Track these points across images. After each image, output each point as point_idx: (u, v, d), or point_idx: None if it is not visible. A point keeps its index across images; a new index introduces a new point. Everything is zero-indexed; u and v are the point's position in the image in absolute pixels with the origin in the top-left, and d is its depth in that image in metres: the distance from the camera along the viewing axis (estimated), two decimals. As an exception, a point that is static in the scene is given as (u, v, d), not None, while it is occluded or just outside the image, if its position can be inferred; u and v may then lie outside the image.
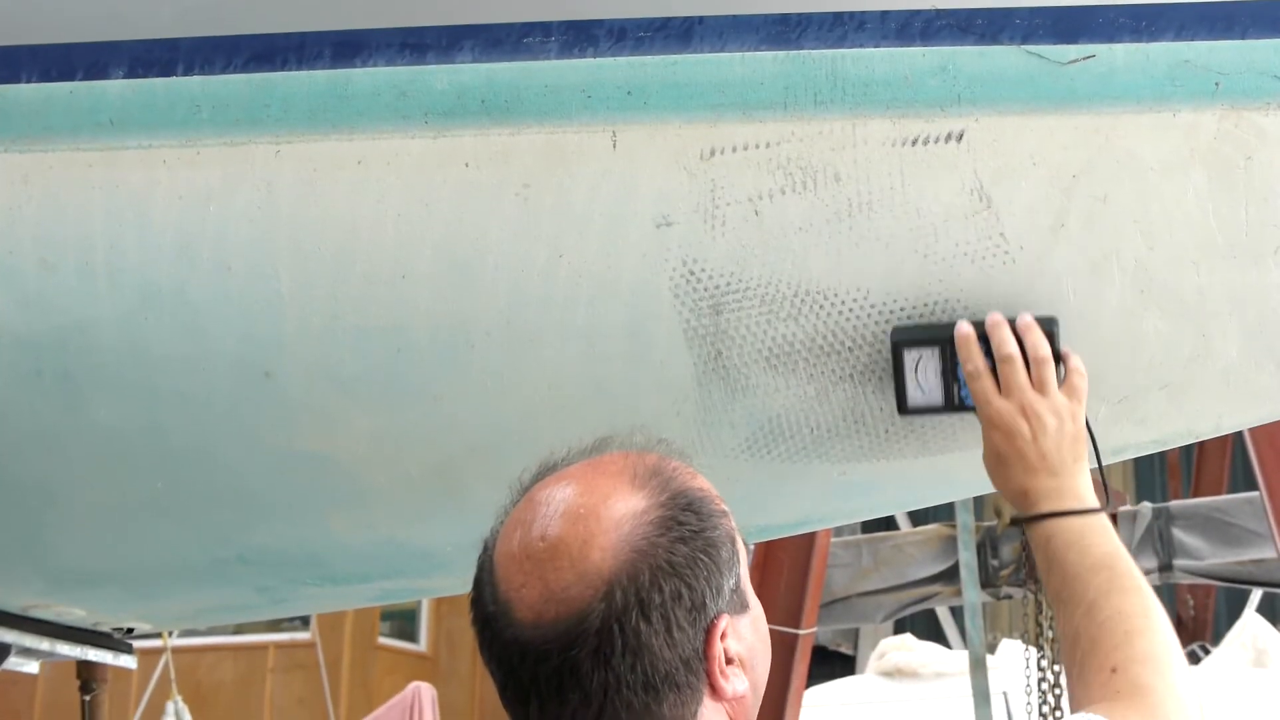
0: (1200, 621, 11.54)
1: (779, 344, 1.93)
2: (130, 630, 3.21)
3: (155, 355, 2.05)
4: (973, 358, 1.88)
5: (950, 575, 9.00)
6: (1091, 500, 1.86)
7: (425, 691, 11.71)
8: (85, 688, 3.55)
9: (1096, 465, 1.92)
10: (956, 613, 14.02)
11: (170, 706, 9.61)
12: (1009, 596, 8.60)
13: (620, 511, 1.43)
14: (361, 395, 2.07)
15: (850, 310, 1.90)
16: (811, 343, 1.93)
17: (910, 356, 1.93)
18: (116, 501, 2.37)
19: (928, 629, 14.98)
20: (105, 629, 3.15)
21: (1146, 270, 1.90)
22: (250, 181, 1.92)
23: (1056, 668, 6.97)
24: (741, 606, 1.48)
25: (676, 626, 1.42)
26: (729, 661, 1.45)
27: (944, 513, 9.12)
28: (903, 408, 1.96)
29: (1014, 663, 8.32)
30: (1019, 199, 1.86)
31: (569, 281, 1.91)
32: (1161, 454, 14.36)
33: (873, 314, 1.90)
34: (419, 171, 1.88)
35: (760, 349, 1.93)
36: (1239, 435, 9.50)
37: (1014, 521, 2.05)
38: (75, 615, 3.00)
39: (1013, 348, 1.87)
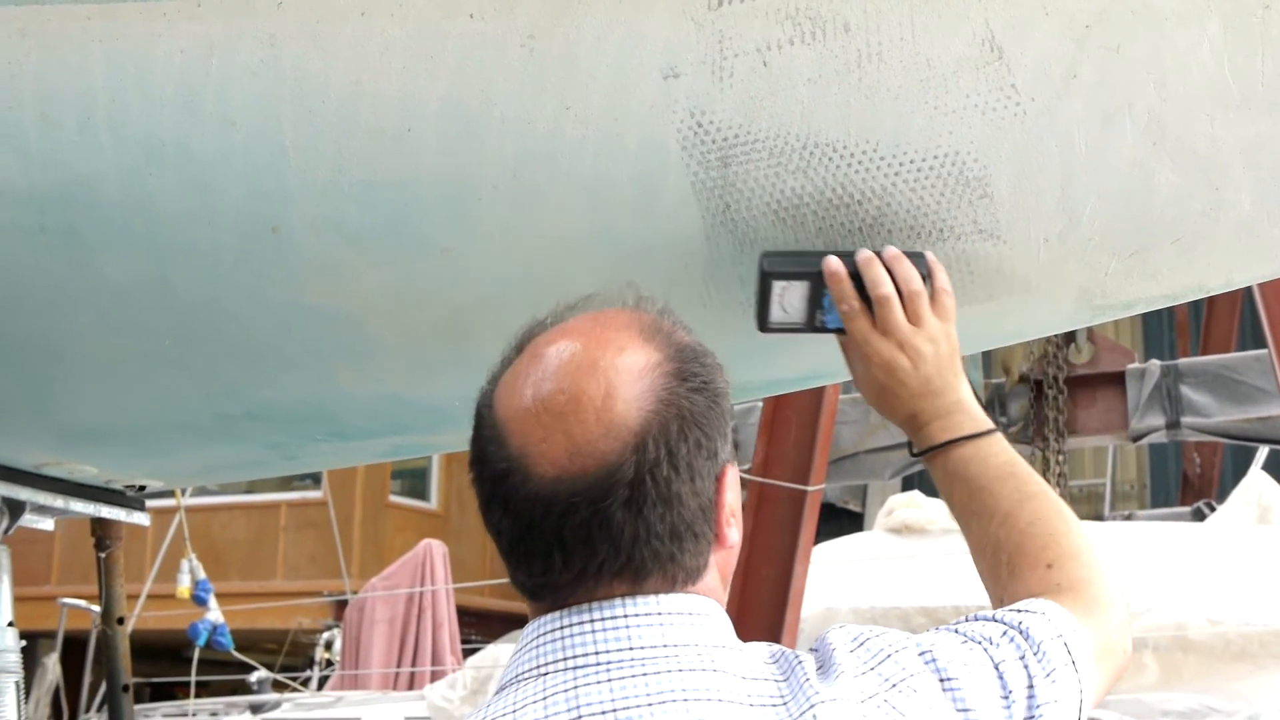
0: (1206, 479, 11.61)
1: (787, 197, 1.92)
2: (143, 488, 3.23)
3: (160, 210, 2.04)
4: (847, 297, 1.88)
5: (958, 433, 9.02)
6: (981, 416, 1.88)
7: (436, 548, 11.86)
8: (100, 545, 3.59)
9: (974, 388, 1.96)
10: (964, 470, 14.10)
11: (185, 564, 9.75)
12: (1016, 454, 8.63)
13: (639, 363, 1.45)
14: (368, 249, 2.06)
15: (859, 163, 1.89)
16: (820, 195, 1.91)
17: (778, 286, 1.93)
18: (124, 357, 2.37)
19: (935, 486, 15.08)
20: (117, 486, 3.17)
21: (1159, 122, 1.88)
22: (253, 34, 1.90)
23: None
24: (733, 458, 1.51)
25: (699, 475, 1.45)
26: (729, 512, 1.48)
27: (952, 370, 9.12)
28: (764, 326, 1.96)
29: (1020, 519, 8.36)
30: (1031, 49, 1.84)
31: (576, 134, 1.89)
32: (1170, 311, 14.42)
33: (882, 166, 1.89)
34: (423, 22, 1.86)
35: (769, 202, 1.92)
36: (1248, 292, 9.48)
37: (912, 454, 2.03)
38: (87, 473, 3.02)
39: (888, 286, 1.86)
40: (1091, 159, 1.90)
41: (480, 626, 15.19)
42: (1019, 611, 1.61)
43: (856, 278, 1.88)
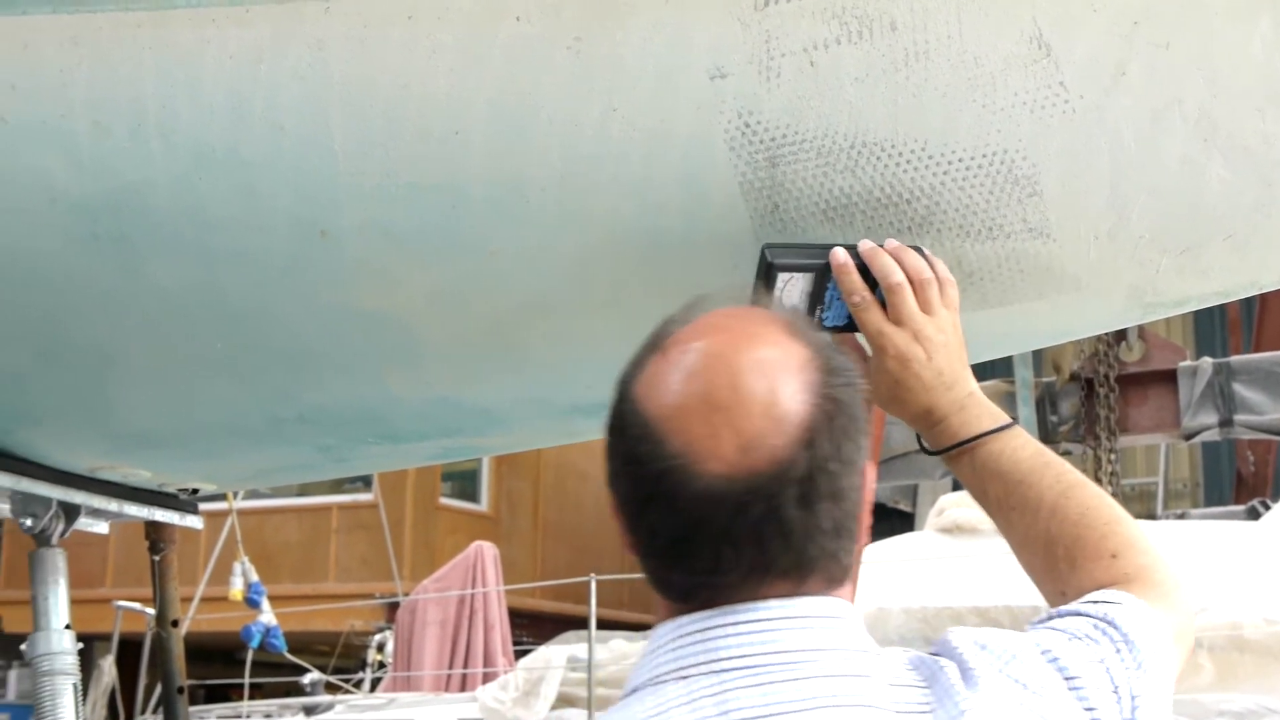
0: (1260, 477, 11.54)
1: (836, 197, 1.91)
2: (195, 491, 3.25)
3: (211, 216, 2.05)
4: (857, 289, 1.83)
5: (1009, 432, 8.97)
6: (995, 408, 1.84)
7: (487, 550, 11.90)
8: (154, 548, 3.61)
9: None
10: (1015, 469, 14.01)
11: (238, 567, 9.82)
12: (1069, 453, 8.60)
13: (794, 358, 1.43)
14: (416, 252, 2.07)
15: (908, 162, 1.88)
16: (869, 195, 1.91)
17: (783, 279, 1.87)
18: (176, 362, 2.39)
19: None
20: (171, 490, 3.20)
21: (1210, 118, 1.86)
22: (301, 39, 1.91)
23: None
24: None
25: (856, 470, 1.44)
26: None
27: (1002, 368, 9.11)
28: None
29: (1073, 518, 8.30)
30: (1079, 47, 1.82)
31: (623, 135, 1.89)
32: (1222, 308, 14.32)
33: (930, 165, 1.88)
34: (470, 25, 1.86)
35: (817, 202, 1.92)
36: (1302, 289, 9.36)
37: (927, 452, 1.94)
38: (141, 476, 3.04)
39: (899, 275, 1.81)
40: (1141, 156, 1.88)
41: (531, 628, 15.23)
42: (1099, 603, 1.60)
43: (862, 270, 1.84)
